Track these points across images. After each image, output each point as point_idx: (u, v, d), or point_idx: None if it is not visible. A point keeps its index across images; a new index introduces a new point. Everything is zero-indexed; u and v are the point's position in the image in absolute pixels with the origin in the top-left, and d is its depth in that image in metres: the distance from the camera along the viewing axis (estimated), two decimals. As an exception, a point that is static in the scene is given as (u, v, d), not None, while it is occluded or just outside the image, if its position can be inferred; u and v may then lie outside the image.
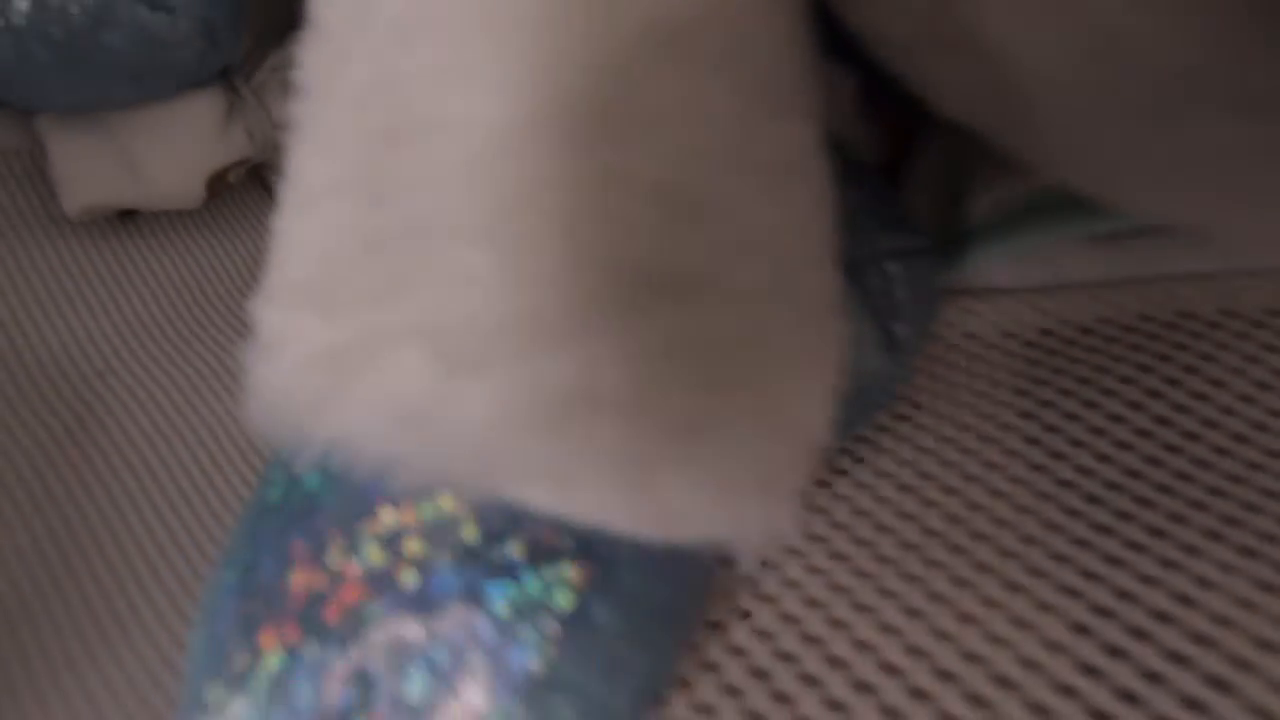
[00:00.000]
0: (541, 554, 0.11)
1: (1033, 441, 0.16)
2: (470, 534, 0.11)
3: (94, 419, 0.16)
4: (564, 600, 0.10)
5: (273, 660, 0.09)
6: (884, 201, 0.16)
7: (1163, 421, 0.16)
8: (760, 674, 0.13)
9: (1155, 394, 0.17)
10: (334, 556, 0.10)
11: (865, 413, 0.16)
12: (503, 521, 0.11)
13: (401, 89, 0.10)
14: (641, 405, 0.09)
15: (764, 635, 0.13)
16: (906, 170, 0.20)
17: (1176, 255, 0.19)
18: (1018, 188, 0.19)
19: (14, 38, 0.17)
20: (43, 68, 0.18)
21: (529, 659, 0.10)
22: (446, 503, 0.11)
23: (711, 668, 0.13)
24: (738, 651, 0.13)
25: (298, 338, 0.11)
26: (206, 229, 0.21)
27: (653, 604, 0.11)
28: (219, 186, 0.21)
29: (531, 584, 0.11)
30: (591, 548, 0.10)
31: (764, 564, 0.13)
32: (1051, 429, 0.16)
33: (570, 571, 0.10)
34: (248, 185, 0.23)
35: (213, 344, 0.18)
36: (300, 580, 0.10)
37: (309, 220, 0.11)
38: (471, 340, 0.09)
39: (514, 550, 0.11)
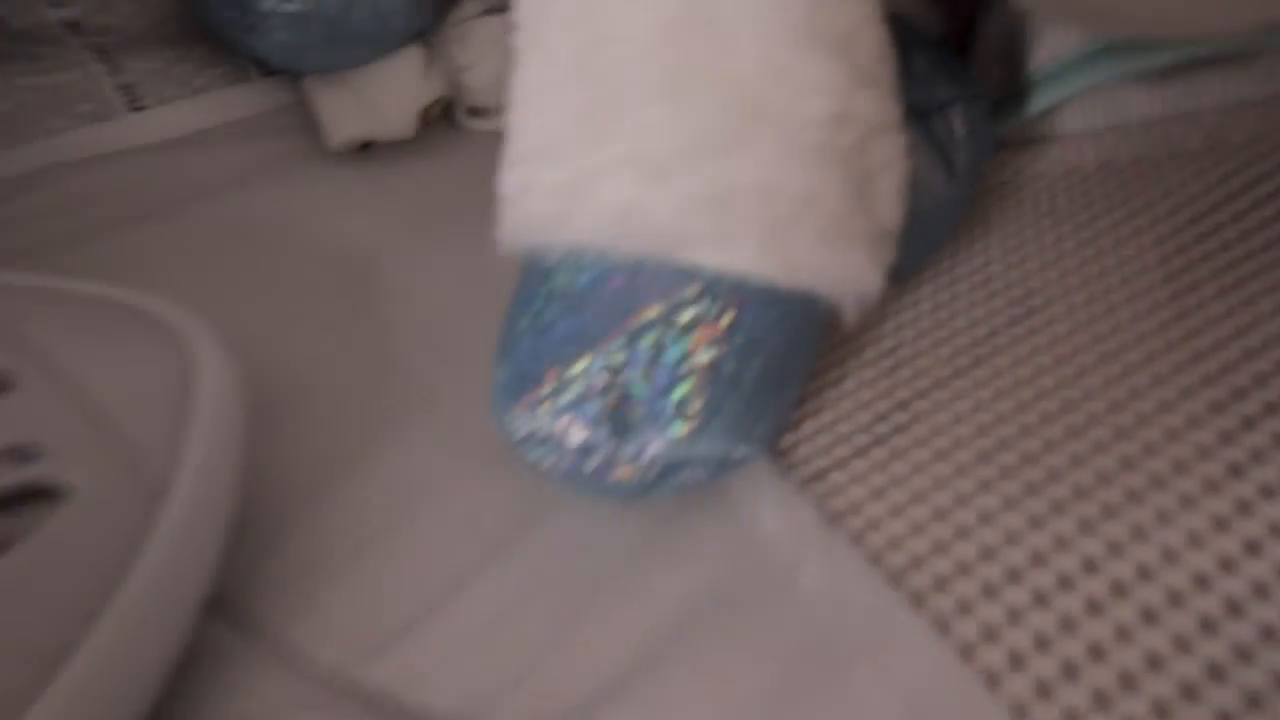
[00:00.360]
0: (705, 317, 0.16)
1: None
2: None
3: (375, 289, 0.23)
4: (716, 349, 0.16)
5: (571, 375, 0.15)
6: (944, 62, 0.20)
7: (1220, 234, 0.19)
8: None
9: (1207, 211, 0.20)
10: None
11: (935, 231, 0.20)
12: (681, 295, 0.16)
13: (597, 8, 0.16)
14: (773, 191, 0.14)
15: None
16: (970, 43, 0.24)
17: (1221, 85, 0.22)
18: (1070, 43, 0.22)
19: (291, 21, 0.24)
20: (312, 43, 0.24)
21: (690, 400, 0.16)
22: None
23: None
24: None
25: (537, 183, 0.16)
26: (418, 152, 0.27)
27: (783, 349, 0.17)
28: (424, 120, 0.28)
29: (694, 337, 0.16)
30: (742, 305, 0.16)
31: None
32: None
33: (726, 318, 0.16)
34: (441, 119, 0.29)
35: (436, 226, 0.25)
36: (571, 326, 0.16)
37: (534, 107, 0.17)
38: (657, 163, 0.15)
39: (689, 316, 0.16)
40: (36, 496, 0.14)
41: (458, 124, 0.30)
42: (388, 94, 0.26)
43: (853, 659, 0.14)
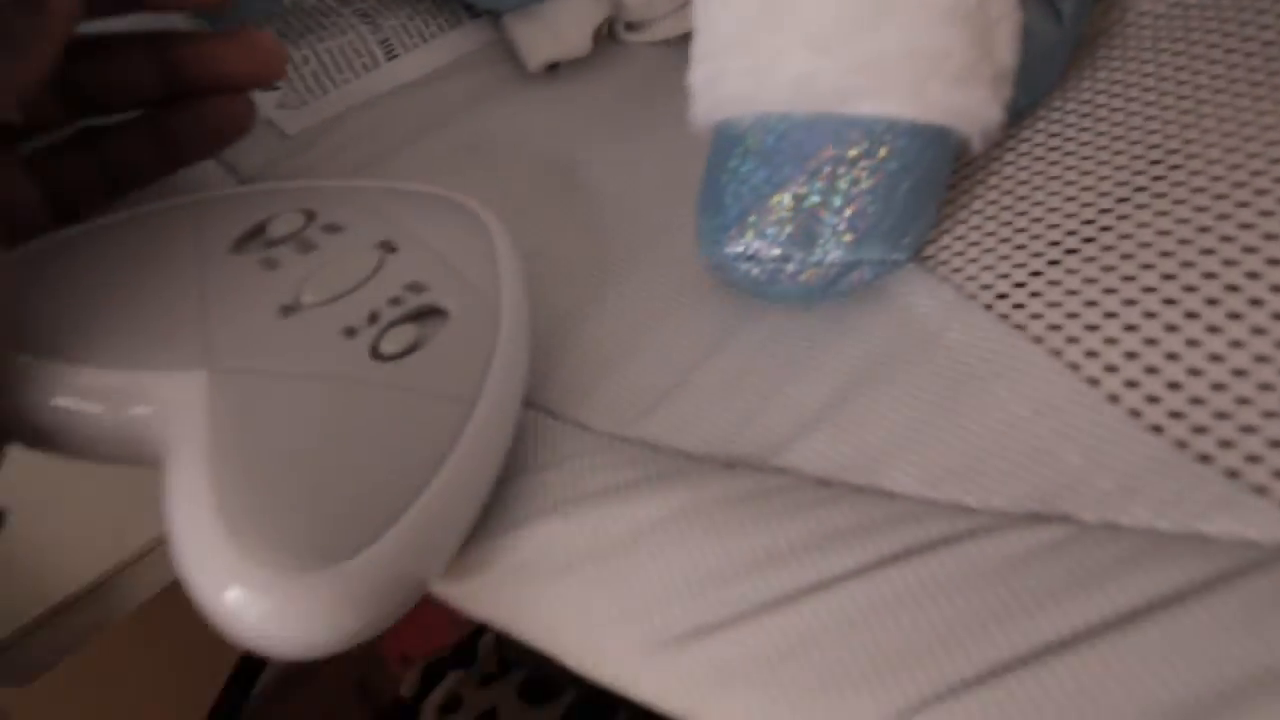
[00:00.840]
0: (865, 154, 0.21)
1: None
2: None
3: (584, 176, 0.30)
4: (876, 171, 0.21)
5: (768, 209, 0.21)
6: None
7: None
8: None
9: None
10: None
11: (1047, 73, 0.24)
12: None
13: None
14: (914, 51, 0.19)
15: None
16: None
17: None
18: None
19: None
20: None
21: (858, 216, 0.21)
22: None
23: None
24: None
25: (729, 69, 0.22)
26: (590, 66, 0.33)
27: (925, 174, 0.22)
28: (595, 38, 0.33)
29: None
30: (893, 142, 0.21)
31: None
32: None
33: (882, 152, 0.21)
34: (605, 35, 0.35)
35: (621, 125, 0.31)
36: (764, 174, 0.21)
37: (718, 7, 0.22)
38: (823, 39, 0.20)
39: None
40: (430, 314, 0.21)
41: (618, 38, 0.36)
42: (569, 19, 0.32)
43: (990, 382, 0.20)
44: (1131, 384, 0.19)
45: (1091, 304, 0.21)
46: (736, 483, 0.20)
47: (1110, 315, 0.20)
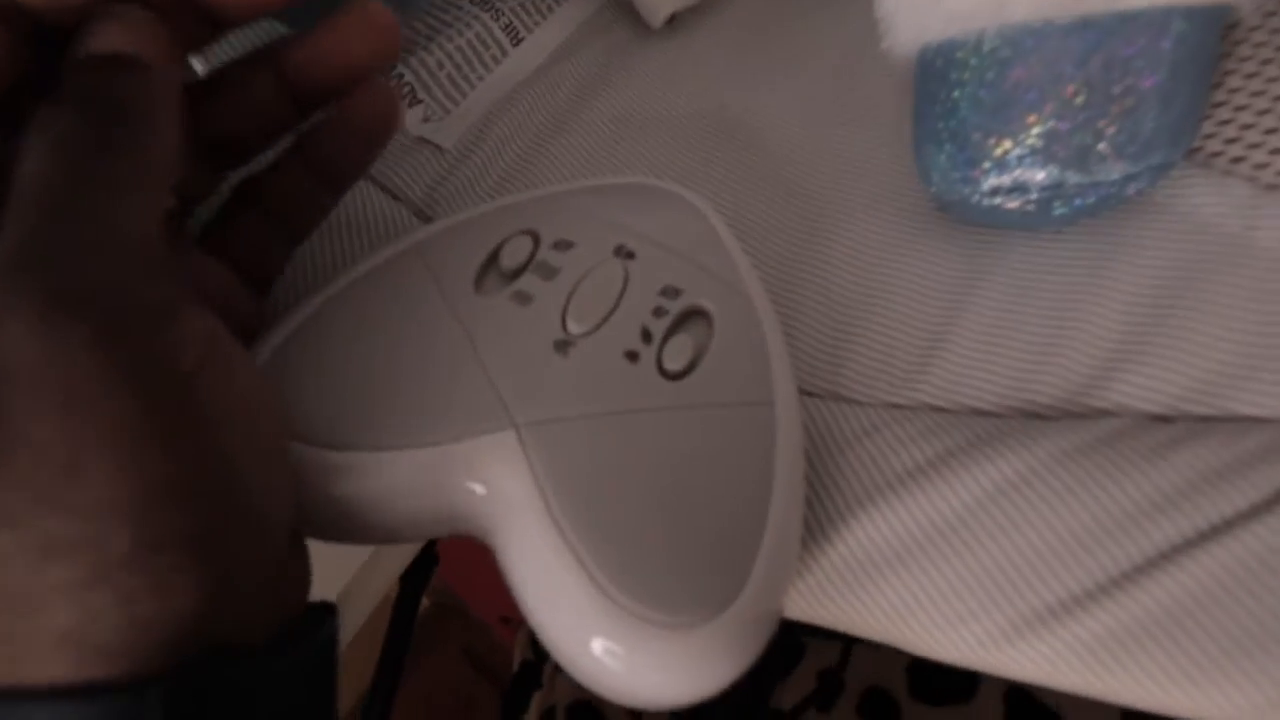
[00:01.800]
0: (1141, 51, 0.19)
1: None
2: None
3: (742, 126, 0.28)
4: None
5: (1027, 131, 0.19)
6: None
7: None
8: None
9: None
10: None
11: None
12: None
13: None
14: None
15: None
16: None
17: None
18: None
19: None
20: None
21: (1141, 122, 0.19)
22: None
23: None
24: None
25: None
26: (706, 9, 0.31)
27: (1201, 63, 0.19)
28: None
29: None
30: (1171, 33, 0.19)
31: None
32: None
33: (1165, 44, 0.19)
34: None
35: (759, 66, 0.29)
36: (1010, 94, 0.19)
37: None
38: None
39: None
40: (693, 316, 0.20)
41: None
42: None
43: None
44: None
45: None
46: (1064, 435, 0.19)
47: None
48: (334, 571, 0.54)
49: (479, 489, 0.17)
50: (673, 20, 0.31)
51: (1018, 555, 0.18)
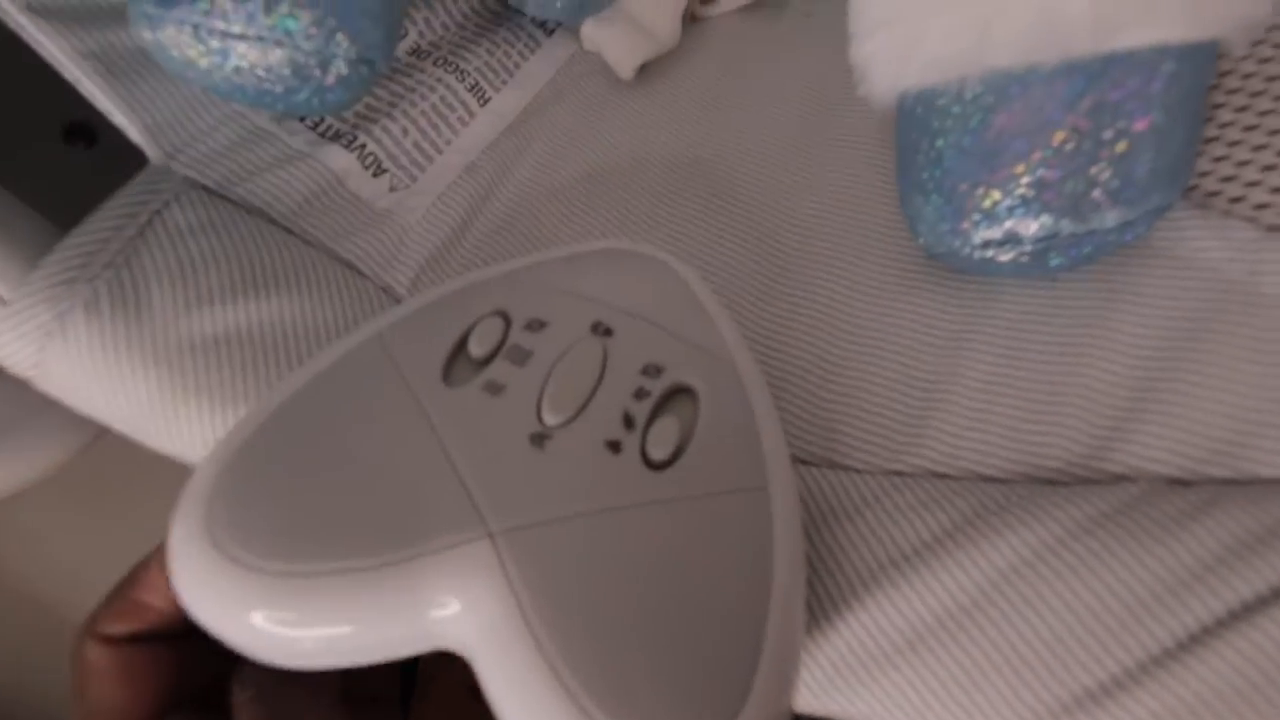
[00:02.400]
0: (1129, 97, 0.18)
1: None
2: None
3: (730, 175, 0.27)
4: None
5: (1013, 182, 0.18)
6: None
7: None
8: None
9: None
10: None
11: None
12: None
13: None
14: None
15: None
16: None
17: None
18: None
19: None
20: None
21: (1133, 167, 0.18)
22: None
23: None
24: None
25: (926, 30, 0.19)
26: (673, 56, 0.30)
27: (1199, 95, 0.19)
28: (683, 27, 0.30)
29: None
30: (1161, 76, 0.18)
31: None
32: None
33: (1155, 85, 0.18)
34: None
35: (729, 110, 0.28)
36: (994, 142, 0.19)
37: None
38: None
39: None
40: (677, 394, 0.19)
41: (696, 16, 0.32)
42: (655, 12, 0.28)
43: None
44: None
45: None
46: (1079, 503, 0.18)
47: None
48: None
49: (452, 606, 0.16)
50: (643, 70, 0.30)
51: (1038, 639, 0.17)
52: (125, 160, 0.24)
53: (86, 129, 0.27)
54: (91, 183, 0.23)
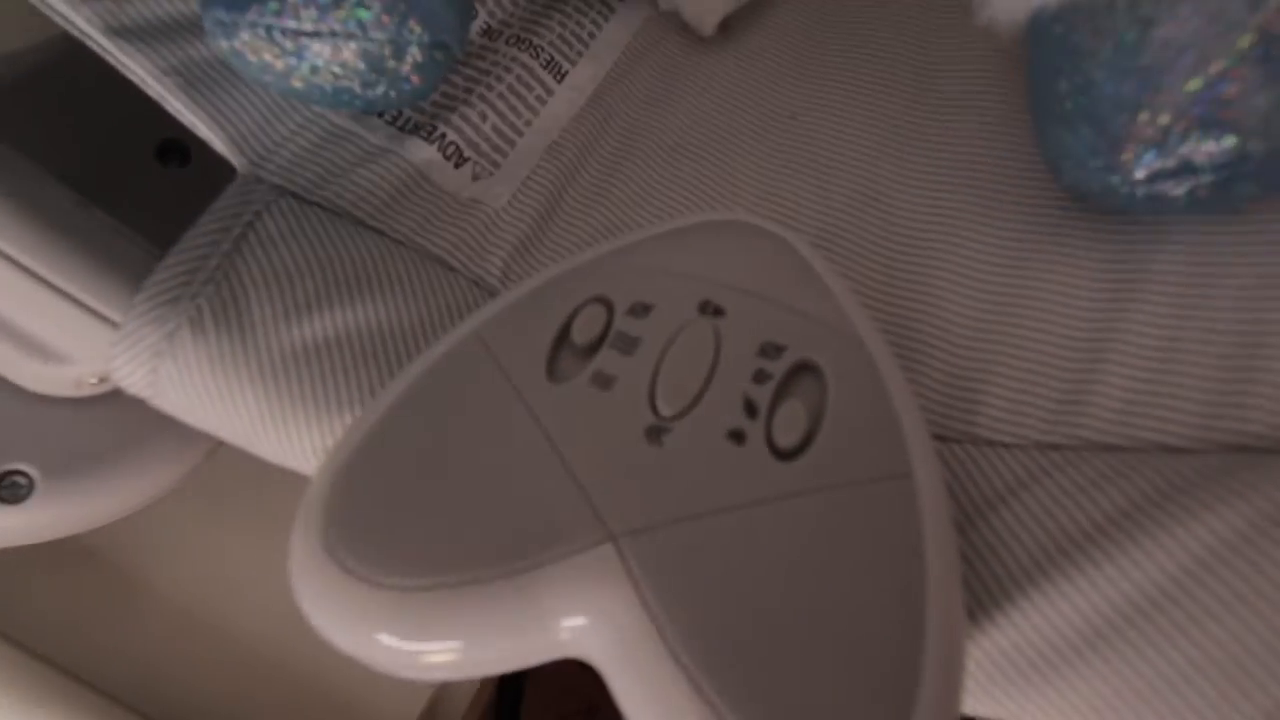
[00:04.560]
0: None
1: None
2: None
3: (816, 128, 0.25)
4: None
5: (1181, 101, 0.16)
6: None
7: None
8: None
9: None
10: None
11: None
12: None
13: None
14: None
15: None
16: None
17: None
18: None
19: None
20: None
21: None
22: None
23: None
24: None
25: None
26: (756, 10, 0.28)
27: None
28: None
29: None
30: None
31: None
32: None
33: None
34: None
35: (822, 66, 0.26)
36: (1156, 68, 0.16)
37: None
38: None
39: None
40: (801, 373, 0.17)
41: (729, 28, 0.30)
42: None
43: None
44: None
45: None
46: (1292, 475, 0.15)
47: None
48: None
49: (578, 616, 0.15)
50: (725, 27, 0.28)
51: (1252, 637, 0.14)
52: (218, 175, 0.24)
53: (179, 147, 0.27)
54: (188, 199, 0.24)
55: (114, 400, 0.26)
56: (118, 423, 0.25)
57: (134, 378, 0.21)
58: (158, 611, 0.39)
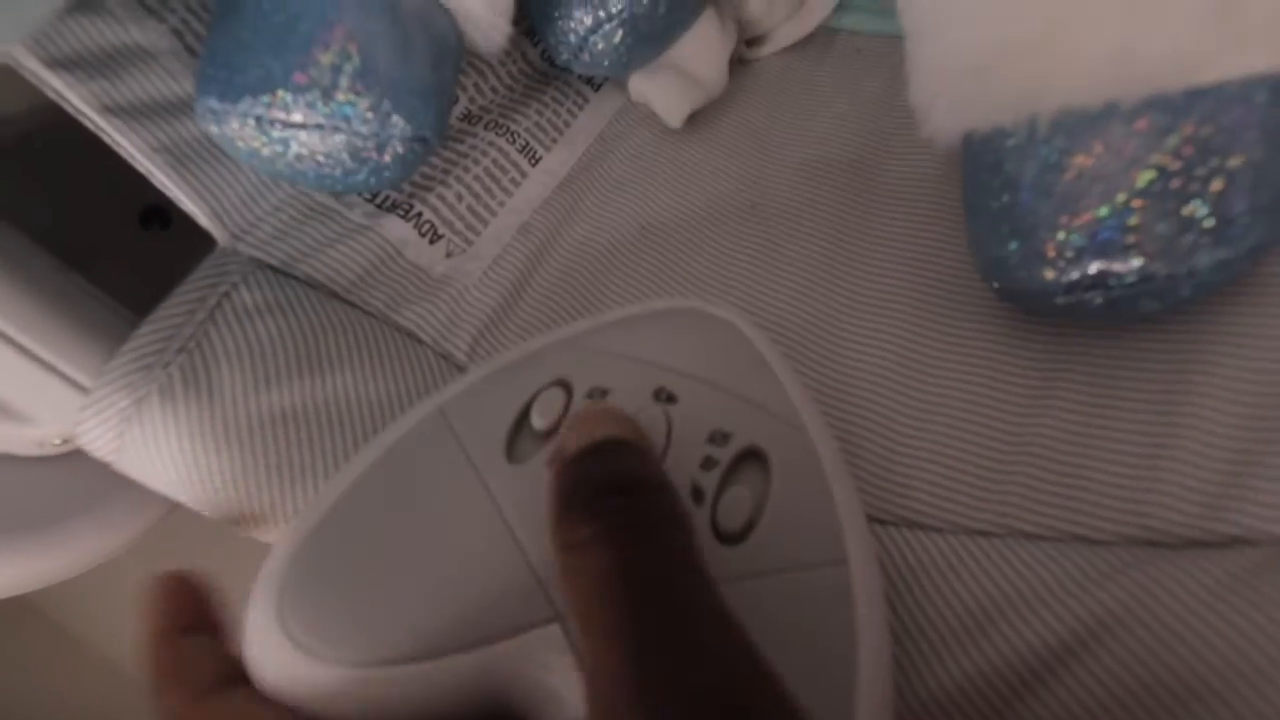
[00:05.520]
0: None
1: None
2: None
3: (781, 219, 0.26)
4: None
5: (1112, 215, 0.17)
6: None
7: None
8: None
9: None
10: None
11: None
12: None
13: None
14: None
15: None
16: None
17: None
18: None
19: (621, 26, 0.26)
20: (635, 47, 0.27)
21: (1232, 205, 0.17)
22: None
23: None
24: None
25: (993, 67, 0.18)
26: (719, 100, 0.30)
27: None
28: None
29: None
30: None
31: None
32: None
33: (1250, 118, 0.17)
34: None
35: (782, 151, 0.27)
36: (1079, 184, 0.18)
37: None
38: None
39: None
40: (745, 460, 0.18)
41: (742, 59, 0.32)
42: (701, 60, 0.28)
43: None
44: None
45: None
46: (1194, 571, 0.16)
47: None
48: None
49: (526, 691, 0.15)
50: (693, 119, 0.30)
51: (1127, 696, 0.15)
52: (199, 240, 0.25)
53: (161, 212, 0.28)
54: (169, 263, 0.24)
55: (71, 460, 0.26)
56: (74, 483, 0.25)
57: (100, 441, 0.21)
58: (96, 668, 0.38)
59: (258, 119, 0.19)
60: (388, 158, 0.21)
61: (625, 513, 0.14)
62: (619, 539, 0.13)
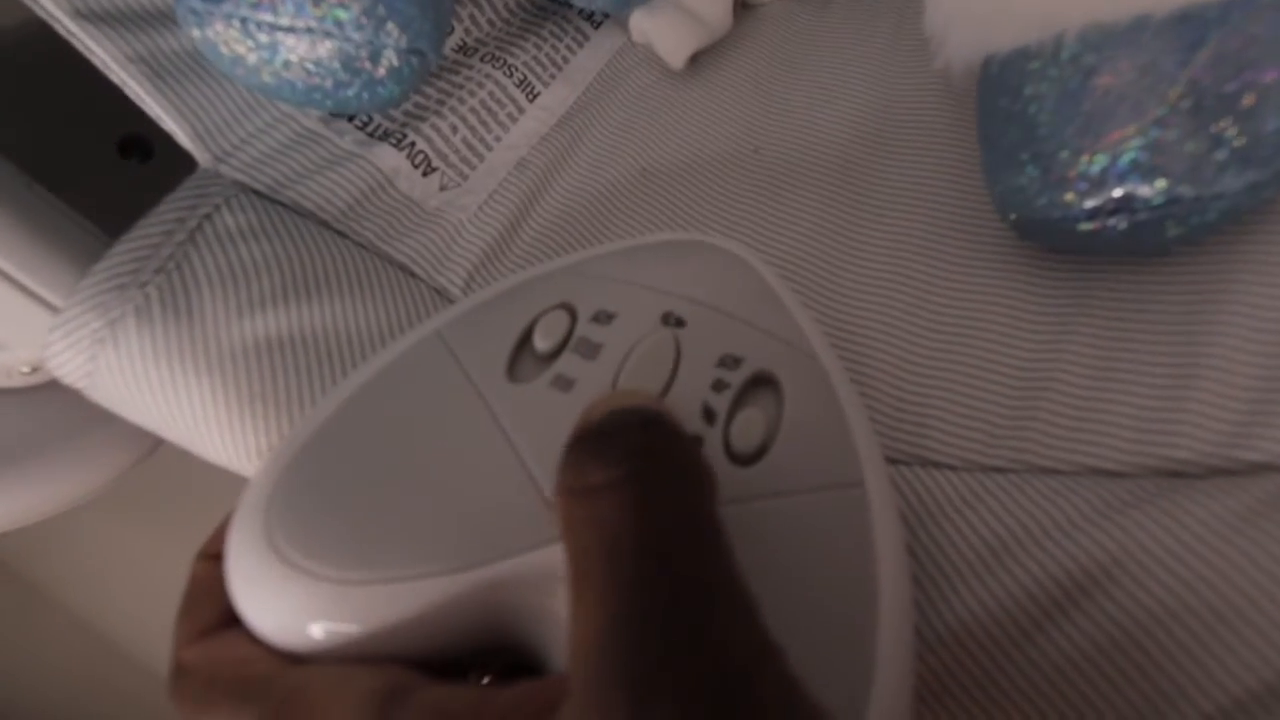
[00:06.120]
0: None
1: None
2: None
3: (781, 156, 0.26)
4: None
5: (1124, 144, 0.17)
6: None
7: None
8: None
9: None
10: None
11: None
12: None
13: None
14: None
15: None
16: None
17: None
18: None
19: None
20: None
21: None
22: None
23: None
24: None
25: (971, 3, 0.17)
26: (723, 43, 0.29)
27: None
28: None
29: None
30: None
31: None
32: None
33: None
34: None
35: (783, 97, 0.27)
36: (1098, 106, 0.17)
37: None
38: None
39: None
40: (758, 385, 0.17)
41: (747, 1, 0.31)
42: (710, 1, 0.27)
43: None
44: None
45: None
46: (1221, 497, 0.16)
47: None
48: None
49: (530, 613, 0.14)
50: (695, 61, 0.29)
51: (1184, 654, 0.15)
52: (180, 173, 0.23)
53: (142, 142, 0.27)
54: (147, 196, 0.23)
55: (43, 393, 0.24)
56: (45, 418, 0.24)
57: (70, 366, 0.20)
58: (59, 624, 0.37)
59: (243, 20, 0.18)
60: (382, 70, 0.20)
61: (647, 459, 0.12)
62: (635, 493, 0.12)
